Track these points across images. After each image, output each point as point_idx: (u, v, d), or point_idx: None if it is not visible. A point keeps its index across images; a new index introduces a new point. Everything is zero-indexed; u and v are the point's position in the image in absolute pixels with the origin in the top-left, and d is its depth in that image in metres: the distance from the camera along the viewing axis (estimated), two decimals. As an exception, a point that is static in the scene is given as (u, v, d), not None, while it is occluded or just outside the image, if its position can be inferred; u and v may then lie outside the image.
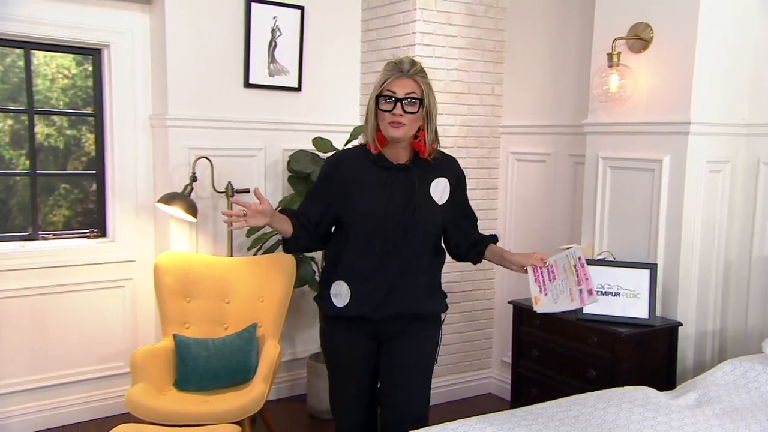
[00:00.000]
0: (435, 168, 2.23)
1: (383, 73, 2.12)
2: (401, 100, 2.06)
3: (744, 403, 2.17)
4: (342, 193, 2.19)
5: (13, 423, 3.44)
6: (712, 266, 2.98)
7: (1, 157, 3.54)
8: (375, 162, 2.18)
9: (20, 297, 3.42)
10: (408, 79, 2.09)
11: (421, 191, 2.18)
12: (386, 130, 2.10)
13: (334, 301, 2.24)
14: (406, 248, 2.18)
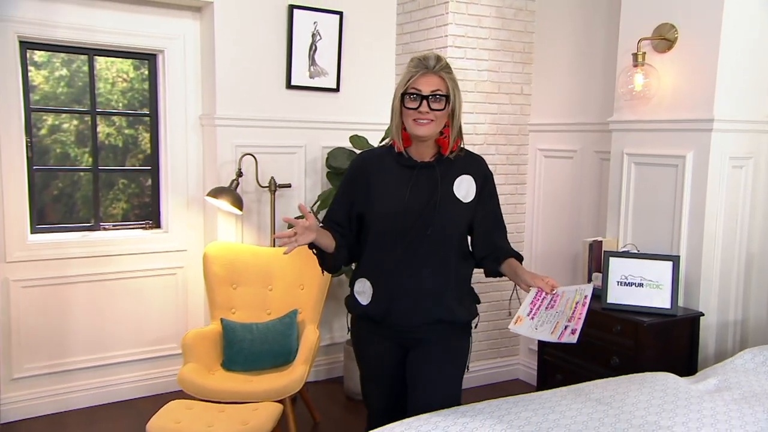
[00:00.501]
0: (460, 166, 2.07)
1: (408, 70, 1.97)
2: (427, 98, 1.92)
3: (763, 389, 2.14)
4: (365, 193, 2.06)
5: (77, 397, 3.54)
6: (734, 258, 2.92)
7: (67, 155, 3.62)
8: (398, 161, 2.04)
9: (83, 282, 3.50)
10: (434, 76, 1.94)
11: (443, 188, 2.02)
12: (412, 128, 1.96)
13: (359, 299, 2.12)
14: (428, 247, 2.00)
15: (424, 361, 2.06)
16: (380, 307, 2.04)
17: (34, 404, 3.42)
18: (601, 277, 2.92)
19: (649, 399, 2.02)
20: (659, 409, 1.96)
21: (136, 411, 3.51)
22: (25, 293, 3.35)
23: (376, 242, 2.05)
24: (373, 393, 2.22)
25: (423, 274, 2.01)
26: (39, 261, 3.37)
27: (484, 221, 2.11)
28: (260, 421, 2.59)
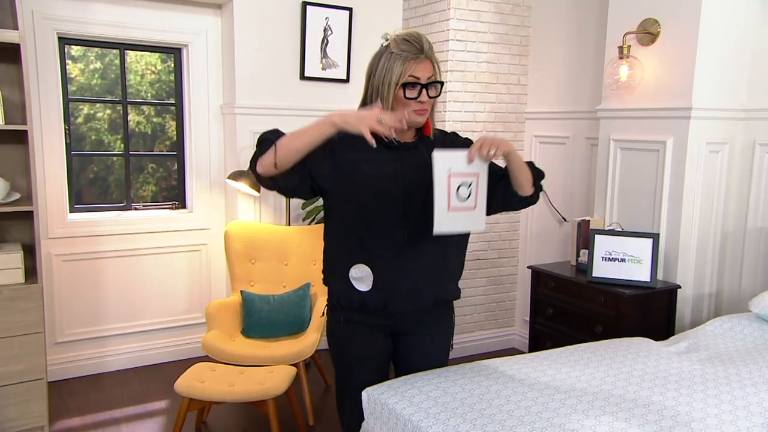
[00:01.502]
0: (439, 144, 1.85)
1: (401, 54, 1.72)
2: (426, 86, 1.75)
3: (728, 351, 2.24)
4: (340, 165, 1.77)
5: (112, 360, 3.69)
6: (710, 236, 2.99)
7: (101, 141, 3.71)
8: (380, 141, 1.75)
9: (117, 258, 3.62)
10: (428, 61, 1.75)
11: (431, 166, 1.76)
12: (411, 118, 1.76)
13: (357, 286, 1.83)
14: (427, 232, 1.75)
15: (416, 348, 1.95)
16: (381, 294, 1.82)
17: (75, 366, 3.59)
18: (588, 252, 3.03)
19: (623, 359, 2.13)
20: (633, 364, 2.07)
21: (164, 373, 3.66)
22: (65, 266, 3.50)
23: (373, 225, 1.79)
24: (354, 396, 1.94)
25: (424, 255, 1.83)
26: (77, 237, 3.51)
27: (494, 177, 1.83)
28: (276, 382, 2.70)
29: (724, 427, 1.63)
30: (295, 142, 1.68)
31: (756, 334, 2.39)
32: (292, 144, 1.68)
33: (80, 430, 2.99)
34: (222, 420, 3.13)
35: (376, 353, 1.92)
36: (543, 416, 1.68)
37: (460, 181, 1.70)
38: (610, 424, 1.63)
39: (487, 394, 1.81)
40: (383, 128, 1.62)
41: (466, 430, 1.62)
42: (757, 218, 2.93)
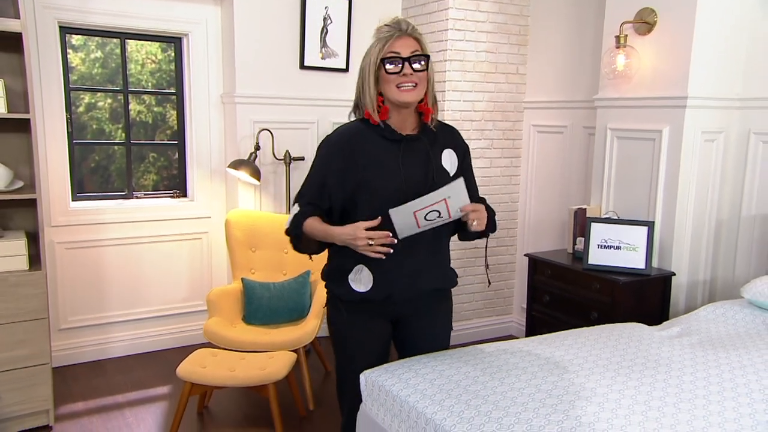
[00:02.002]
0: (442, 138, 1.91)
1: (379, 36, 1.77)
2: (408, 59, 1.74)
3: (720, 336, 2.29)
4: (353, 173, 1.80)
5: (114, 347, 3.74)
6: (705, 224, 3.03)
7: (103, 130, 3.74)
8: (382, 134, 1.82)
9: (119, 245, 3.67)
10: (409, 38, 1.76)
11: (435, 162, 1.87)
12: (396, 96, 1.76)
13: (354, 287, 1.88)
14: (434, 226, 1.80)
15: (424, 326, 2.00)
16: (382, 291, 1.86)
17: (78, 352, 3.64)
18: (584, 240, 3.07)
19: (616, 343, 2.18)
20: (625, 347, 2.12)
21: (165, 360, 3.72)
22: (67, 254, 3.55)
23: (382, 225, 1.77)
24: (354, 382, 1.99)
25: (422, 248, 1.86)
26: (79, 225, 3.55)
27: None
28: (276, 367, 2.75)
29: (711, 407, 1.68)
30: (317, 235, 1.85)
31: (747, 319, 2.43)
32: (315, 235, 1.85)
33: (84, 414, 3.06)
34: (223, 405, 3.19)
35: (376, 339, 1.97)
36: (536, 397, 1.73)
37: (425, 211, 1.74)
38: (601, 405, 1.68)
39: (482, 376, 1.86)
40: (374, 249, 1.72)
41: (461, 410, 1.67)
42: (751, 206, 2.97)
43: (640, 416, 1.62)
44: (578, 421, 1.59)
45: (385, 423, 1.85)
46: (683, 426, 1.58)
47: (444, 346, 2.07)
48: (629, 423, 1.59)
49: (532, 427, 1.57)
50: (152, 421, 3.00)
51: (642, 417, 1.62)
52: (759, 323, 2.40)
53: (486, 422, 1.61)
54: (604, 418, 1.61)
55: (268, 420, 3.01)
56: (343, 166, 1.81)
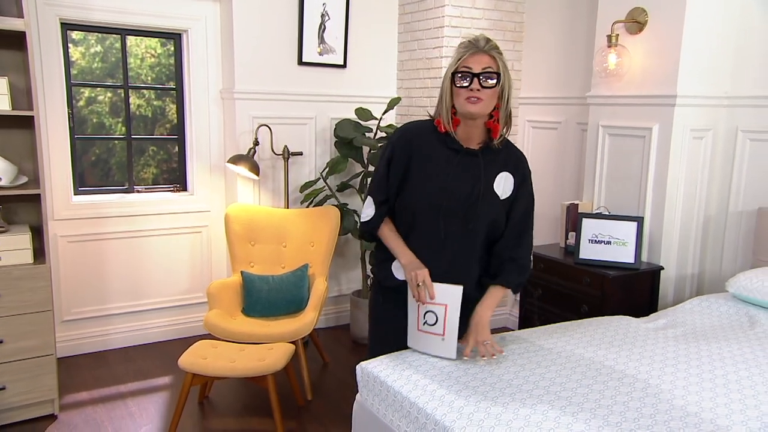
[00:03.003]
0: (502, 160, 1.99)
1: (458, 51, 1.89)
2: (478, 75, 1.84)
3: (703, 328, 2.38)
4: (408, 170, 1.98)
5: (115, 338, 3.82)
6: (693, 220, 3.12)
7: (103, 124, 3.79)
8: (444, 141, 1.95)
9: (120, 239, 3.74)
10: (484, 55, 1.85)
11: (486, 180, 1.96)
12: (463, 107, 1.87)
13: (396, 274, 2.05)
14: (465, 235, 1.97)
15: None
16: None
17: (80, 343, 3.73)
18: (575, 235, 3.16)
19: (604, 334, 2.27)
20: (612, 339, 2.21)
21: (166, 351, 3.80)
22: (70, 247, 3.62)
23: (416, 224, 1.99)
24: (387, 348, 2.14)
25: (459, 256, 1.99)
26: (81, 219, 3.62)
27: (510, 224, 2.03)
28: (275, 358, 2.82)
29: (689, 398, 1.78)
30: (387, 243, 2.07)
31: (731, 312, 2.53)
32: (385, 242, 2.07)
33: (88, 403, 3.15)
34: (223, 395, 3.28)
35: (403, 329, 2.10)
36: (523, 388, 1.82)
37: (426, 307, 1.96)
38: (585, 396, 1.77)
39: (473, 368, 1.95)
40: (414, 289, 1.93)
41: (451, 400, 1.76)
42: (738, 202, 3.06)
43: (622, 406, 1.72)
44: (575, 417, 1.68)
45: (379, 413, 1.95)
46: (662, 415, 1.67)
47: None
48: (611, 413, 1.68)
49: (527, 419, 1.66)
50: (154, 410, 3.10)
51: (623, 407, 1.71)
52: (742, 315, 2.50)
53: (475, 411, 1.70)
54: (588, 408, 1.70)
55: (267, 410, 3.10)
56: (401, 161, 1.98)
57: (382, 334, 2.16)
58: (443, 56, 3.80)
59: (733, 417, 1.67)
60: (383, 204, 2.05)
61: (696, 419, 1.65)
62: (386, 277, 2.08)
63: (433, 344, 2.01)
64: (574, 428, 1.59)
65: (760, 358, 2.07)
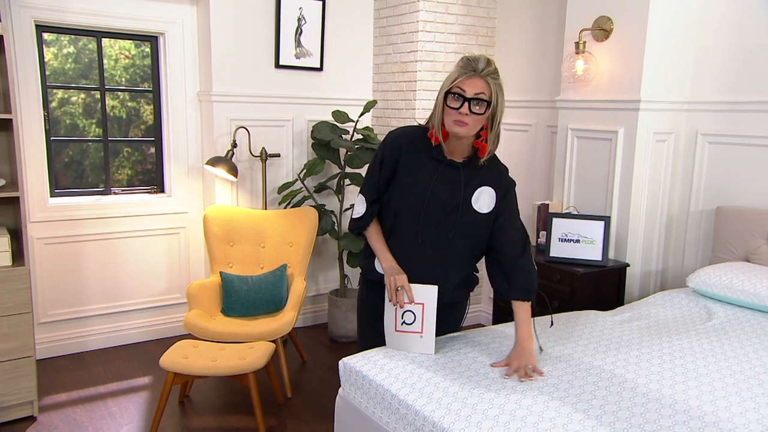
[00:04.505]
0: (483, 175, 2.06)
1: (457, 69, 1.92)
2: (469, 100, 1.89)
3: (666, 320, 2.54)
4: (395, 173, 2.09)
5: (92, 340, 3.84)
6: (657, 219, 3.28)
7: (76, 125, 3.79)
8: (429, 150, 2.04)
9: (97, 240, 3.76)
10: (480, 79, 1.89)
11: (465, 193, 2.04)
12: (450, 127, 1.94)
13: (377, 268, 2.16)
14: (443, 243, 2.07)
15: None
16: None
17: (57, 345, 3.74)
18: (546, 234, 3.30)
19: (573, 325, 2.41)
20: (581, 329, 2.35)
21: (145, 352, 3.84)
22: (46, 249, 3.63)
23: (397, 226, 2.10)
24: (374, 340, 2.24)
25: (436, 261, 2.08)
26: (58, 221, 3.63)
27: (498, 226, 2.10)
28: (256, 357, 2.88)
29: (651, 385, 1.92)
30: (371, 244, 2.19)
31: (691, 305, 2.70)
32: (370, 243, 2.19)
33: (67, 404, 3.18)
34: (203, 393, 3.34)
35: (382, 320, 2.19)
36: (498, 380, 1.94)
37: (405, 307, 2.08)
38: (556, 385, 1.90)
39: (450, 362, 2.06)
40: (393, 293, 2.04)
41: (431, 392, 1.87)
42: (698, 202, 3.23)
43: (589, 395, 1.85)
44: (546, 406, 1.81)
45: (362, 406, 2.04)
46: (626, 401, 1.80)
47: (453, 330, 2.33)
48: (579, 401, 1.81)
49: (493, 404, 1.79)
50: (135, 410, 3.14)
51: (590, 396, 1.84)
52: (701, 308, 2.67)
53: (453, 402, 1.81)
54: (558, 396, 1.83)
55: (247, 407, 3.17)
56: (391, 161, 2.09)
57: (369, 326, 2.26)
58: (418, 60, 3.92)
59: (690, 402, 1.81)
60: (375, 203, 2.16)
61: (657, 405, 1.79)
62: (370, 271, 2.21)
63: (413, 342, 2.12)
64: (545, 416, 1.71)
65: (716, 348, 2.22)
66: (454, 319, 2.31)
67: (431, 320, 2.08)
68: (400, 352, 2.13)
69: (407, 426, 1.84)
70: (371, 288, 2.24)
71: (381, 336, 2.20)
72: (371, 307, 2.25)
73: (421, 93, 3.95)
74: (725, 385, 1.93)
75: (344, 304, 4.04)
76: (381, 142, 2.15)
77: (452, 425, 1.70)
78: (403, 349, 2.14)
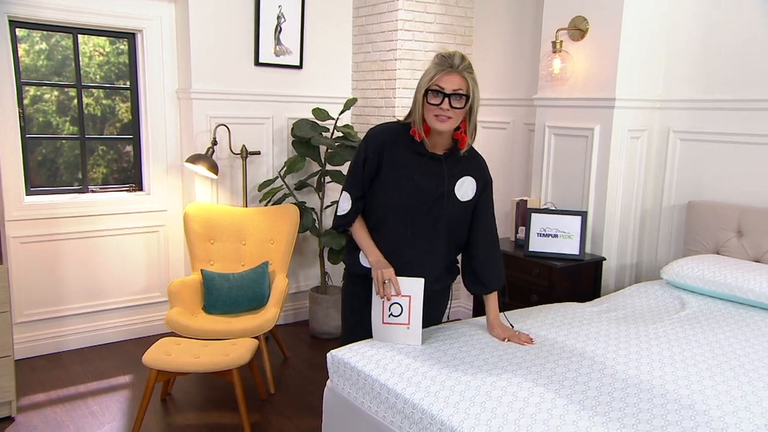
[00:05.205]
0: (465, 166, 2.16)
1: (433, 66, 2.00)
2: (449, 96, 1.97)
3: (642, 311, 2.64)
4: (379, 168, 2.15)
5: (70, 340, 3.82)
6: (631, 213, 3.39)
7: (49, 123, 3.75)
8: (410, 144, 2.12)
9: (75, 239, 3.73)
10: (457, 75, 1.97)
11: (449, 183, 2.14)
12: (432, 122, 2.02)
13: (362, 261, 2.22)
14: (430, 232, 2.15)
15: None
16: None
17: (35, 345, 3.71)
18: (525, 229, 3.38)
19: (554, 317, 2.49)
20: (561, 321, 2.43)
21: (124, 351, 3.82)
22: (22, 248, 3.60)
23: (383, 218, 2.17)
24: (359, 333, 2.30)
25: (424, 252, 2.17)
26: (34, 220, 3.60)
27: (476, 223, 2.22)
28: (240, 353, 2.90)
29: (629, 372, 2.00)
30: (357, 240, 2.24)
31: (665, 296, 2.81)
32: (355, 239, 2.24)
33: (46, 404, 3.16)
34: (185, 391, 3.35)
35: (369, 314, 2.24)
36: (483, 368, 2.00)
37: (392, 300, 2.14)
38: (539, 373, 1.97)
39: (436, 353, 2.12)
40: (387, 289, 2.10)
41: (418, 381, 1.93)
42: (671, 197, 3.35)
43: (571, 380, 1.92)
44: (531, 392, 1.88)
45: (351, 396, 2.09)
46: (606, 387, 1.89)
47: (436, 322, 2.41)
48: (562, 386, 1.88)
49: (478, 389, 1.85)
50: (116, 408, 3.14)
51: (572, 382, 1.92)
52: (674, 299, 2.78)
53: (441, 389, 1.87)
54: (542, 383, 1.90)
55: (230, 403, 3.19)
56: (374, 160, 2.15)
57: (355, 322, 2.31)
58: (397, 58, 3.97)
59: (667, 387, 1.90)
60: (359, 200, 2.21)
61: (636, 389, 1.87)
62: (354, 264, 2.27)
63: (400, 334, 2.18)
64: (530, 401, 1.78)
65: (689, 336, 2.33)
66: (437, 309, 2.37)
67: (418, 312, 2.15)
68: (387, 343, 2.18)
69: (396, 414, 1.89)
70: (355, 282, 2.29)
71: (366, 329, 2.25)
72: (356, 301, 2.30)
73: (400, 91, 4.01)
74: (699, 370, 2.02)
75: (325, 300, 4.08)
76: (362, 140, 2.21)
77: (441, 412, 1.76)
78: (390, 340, 2.19)
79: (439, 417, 1.75)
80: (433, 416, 1.77)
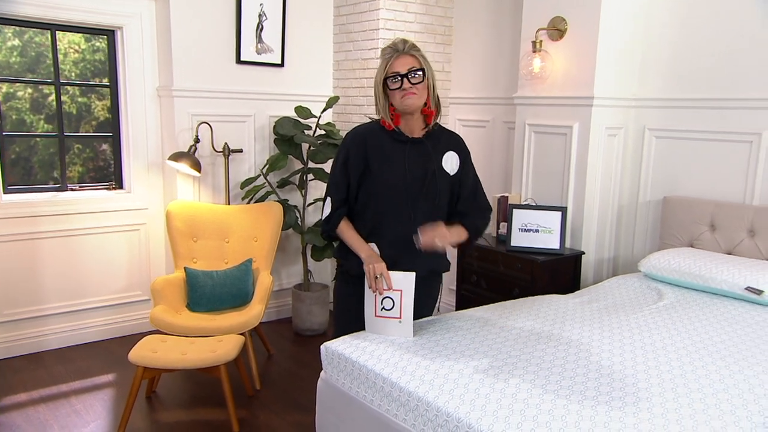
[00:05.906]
0: (444, 143, 2.27)
1: (383, 58, 2.13)
2: (406, 75, 2.08)
3: (622, 301, 2.75)
4: (366, 167, 2.21)
5: (50, 339, 3.78)
6: (609, 209, 3.51)
7: (23, 121, 3.71)
8: (391, 136, 2.21)
9: (54, 238, 3.70)
10: (406, 56, 2.10)
11: (436, 162, 2.23)
12: (401, 104, 2.12)
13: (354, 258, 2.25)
14: (428, 213, 2.22)
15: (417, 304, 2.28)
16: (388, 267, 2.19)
17: (14, 345, 3.67)
18: (507, 225, 3.47)
19: (538, 309, 2.58)
20: (545, 313, 2.52)
21: (106, 349, 3.81)
22: (0, 247, 3.55)
23: (382, 209, 2.22)
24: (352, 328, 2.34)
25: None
26: (13, 218, 3.56)
27: (465, 188, 2.33)
28: (226, 349, 2.93)
29: (614, 359, 2.10)
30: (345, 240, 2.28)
31: (643, 287, 2.92)
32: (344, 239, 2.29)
33: (29, 404, 3.13)
34: (170, 388, 3.35)
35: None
36: (474, 357, 2.07)
37: (384, 294, 2.19)
38: (528, 360, 2.05)
39: (428, 343, 2.19)
40: (379, 284, 2.14)
41: (413, 370, 1.99)
42: (647, 193, 3.48)
43: (560, 368, 2.01)
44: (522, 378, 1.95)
45: (345, 386, 2.14)
46: (593, 373, 1.97)
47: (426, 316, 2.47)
48: (551, 374, 1.97)
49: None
50: (101, 407, 3.13)
51: (560, 369, 2.00)
52: (651, 290, 2.89)
53: (435, 378, 1.94)
54: (532, 370, 1.98)
55: (216, 400, 3.21)
56: (358, 159, 2.22)
57: (348, 320, 2.36)
58: (378, 57, 4.02)
59: (650, 372, 2.00)
60: (343, 203, 2.28)
61: (621, 375, 1.97)
62: (353, 266, 2.29)
63: (391, 327, 2.23)
64: (522, 387, 1.86)
65: (668, 324, 2.43)
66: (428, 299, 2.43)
67: (409, 306, 2.21)
68: (379, 336, 2.23)
69: (392, 402, 1.95)
70: (353, 284, 2.33)
71: (358, 323, 2.30)
72: (348, 297, 2.35)
73: (382, 89, 4.05)
74: (679, 356, 2.13)
75: (308, 297, 4.11)
76: (341, 143, 2.29)
77: (436, 399, 1.83)
78: (382, 333, 2.24)
79: (435, 404, 1.81)
80: (429, 403, 1.83)
